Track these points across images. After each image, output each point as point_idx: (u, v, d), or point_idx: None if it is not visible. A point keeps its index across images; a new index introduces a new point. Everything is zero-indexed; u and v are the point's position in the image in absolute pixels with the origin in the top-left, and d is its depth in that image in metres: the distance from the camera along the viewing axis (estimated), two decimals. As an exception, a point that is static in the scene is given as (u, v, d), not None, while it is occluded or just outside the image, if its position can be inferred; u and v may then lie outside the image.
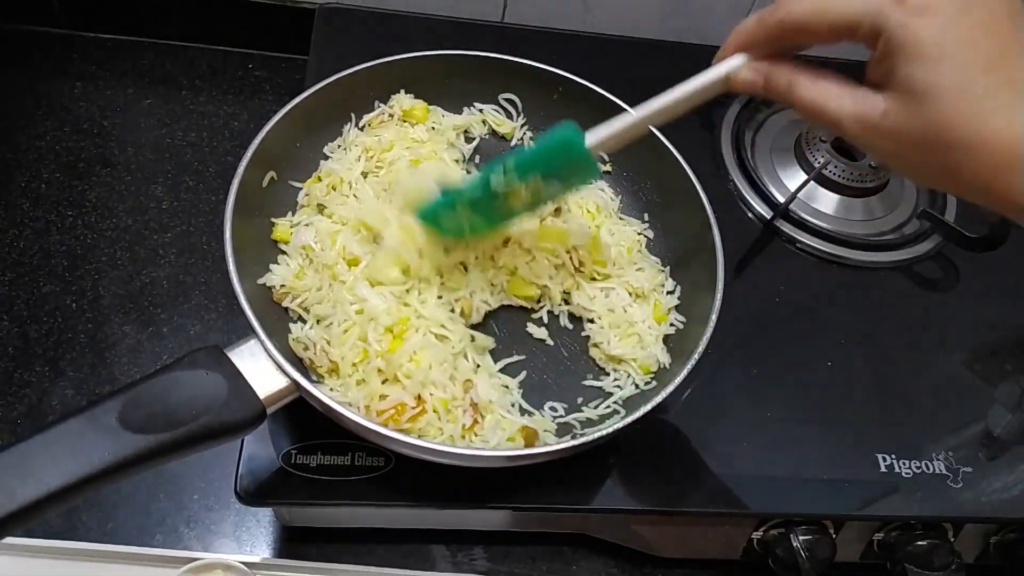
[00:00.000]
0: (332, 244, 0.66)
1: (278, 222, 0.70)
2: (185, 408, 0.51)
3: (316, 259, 0.66)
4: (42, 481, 0.46)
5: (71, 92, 0.98)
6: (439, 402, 0.60)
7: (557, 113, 0.80)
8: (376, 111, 0.77)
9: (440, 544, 0.73)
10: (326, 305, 0.64)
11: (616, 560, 0.75)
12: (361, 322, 0.62)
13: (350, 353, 0.61)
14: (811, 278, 0.84)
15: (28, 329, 0.80)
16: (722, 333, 0.63)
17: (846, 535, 0.71)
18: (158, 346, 0.81)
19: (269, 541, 0.72)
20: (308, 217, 0.70)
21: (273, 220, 0.70)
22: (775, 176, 0.91)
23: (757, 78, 0.50)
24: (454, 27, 0.99)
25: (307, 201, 0.71)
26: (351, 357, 0.61)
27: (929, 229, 0.90)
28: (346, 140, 0.75)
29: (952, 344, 0.81)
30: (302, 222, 0.69)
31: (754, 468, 0.69)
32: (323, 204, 0.70)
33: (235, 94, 1.02)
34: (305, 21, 0.96)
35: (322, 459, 0.64)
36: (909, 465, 0.71)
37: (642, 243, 0.75)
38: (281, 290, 0.66)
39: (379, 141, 0.74)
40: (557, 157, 0.58)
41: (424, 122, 0.77)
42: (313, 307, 0.65)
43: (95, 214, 0.89)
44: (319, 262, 0.66)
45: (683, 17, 1.04)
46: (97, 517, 0.71)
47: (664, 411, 0.59)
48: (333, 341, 0.62)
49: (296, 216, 0.71)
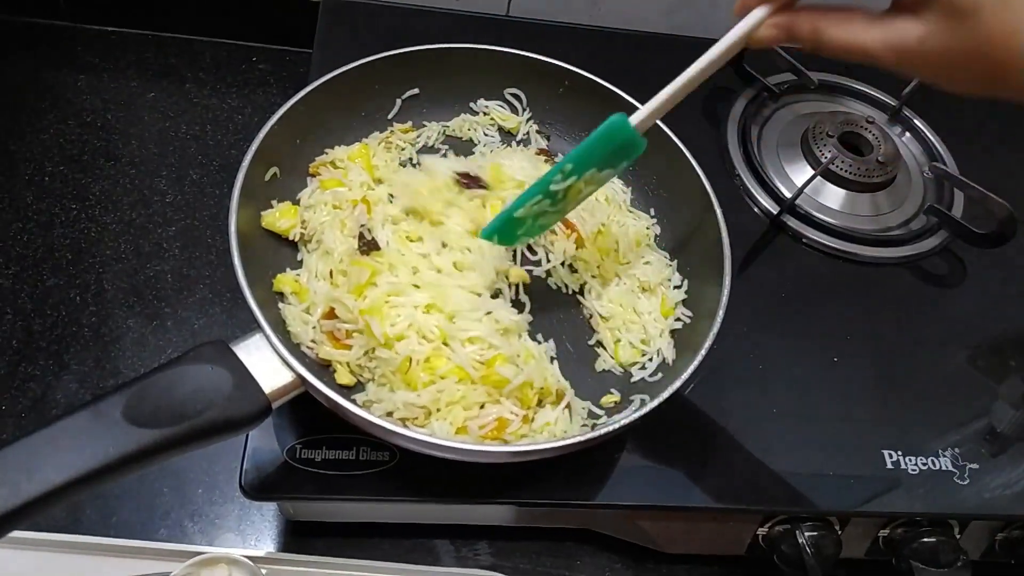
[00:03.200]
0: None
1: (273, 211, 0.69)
2: (190, 403, 0.51)
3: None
4: (47, 476, 0.46)
5: (75, 85, 0.98)
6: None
7: (563, 107, 0.80)
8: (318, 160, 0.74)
9: (444, 539, 0.73)
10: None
11: (620, 556, 0.74)
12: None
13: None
14: (817, 273, 0.84)
15: (32, 323, 0.80)
16: (728, 328, 0.62)
17: (852, 531, 0.71)
18: (162, 340, 0.81)
19: (273, 535, 0.72)
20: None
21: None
22: (782, 171, 0.91)
23: (780, 32, 0.50)
24: (459, 20, 0.99)
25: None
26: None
27: (936, 225, 0.89)
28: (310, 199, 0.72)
29: (959, 340, 0.81)
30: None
31: (759, 464, 0.69)
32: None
33: (239, 87, 1.01)
34: (309, 14, 0.96)
35: (327, 453, 0.64)
36: (915, 461, 0.71)
37: (650, 237, 0.75)
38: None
39: (335, 196, 0.71)
40: (609, 146, 0.60)
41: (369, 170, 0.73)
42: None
43: (99, 207, 0.89)
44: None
45: (690, 11, 1.04)
46: (101, 511, 0.71)
47: (669, 406, 0.58)
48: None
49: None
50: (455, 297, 0.63)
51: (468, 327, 0.62)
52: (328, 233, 0.68)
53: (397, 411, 0.60)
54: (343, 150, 0.74)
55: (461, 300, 0.64)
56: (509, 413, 0.61)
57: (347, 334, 0.62)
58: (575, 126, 0.81)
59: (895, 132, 0.98)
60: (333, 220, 0.68)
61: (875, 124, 0.92)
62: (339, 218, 0.68)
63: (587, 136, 0.60)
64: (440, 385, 0.60)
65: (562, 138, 0.82)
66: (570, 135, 0.81)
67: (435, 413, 0.60)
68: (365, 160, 0.73)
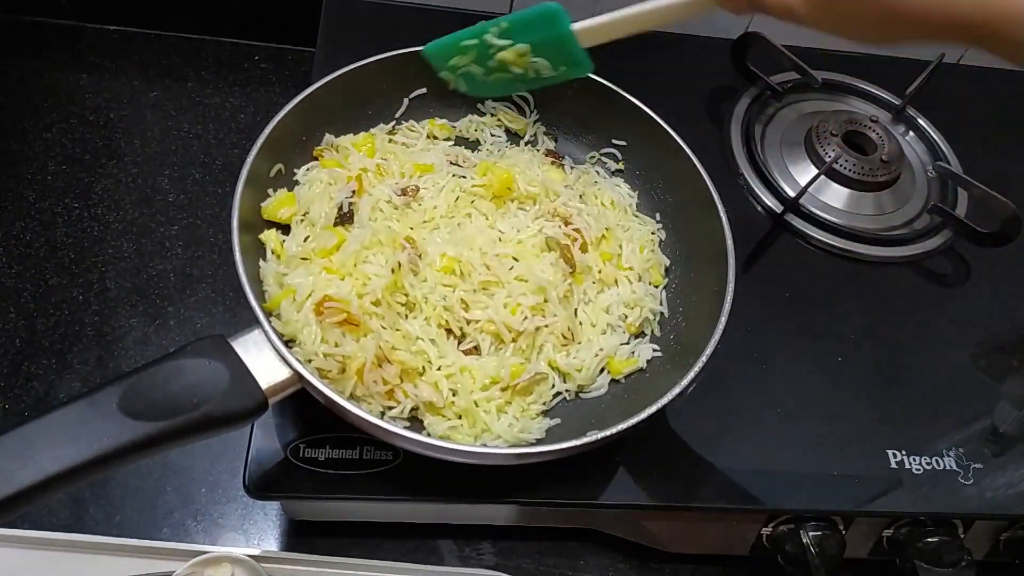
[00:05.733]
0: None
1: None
2: (187, 396, 0.51)
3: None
4: (41, 466, 0.46)
5: (78, 84, 0.98)
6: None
7: (570, 110, 0.80)
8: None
9: (448, 539, 0.73)
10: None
11: (623, 555, 0.74)
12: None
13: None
14: (821, 272, 0.84)
15: (35, 321, 0.80)
16: (731, 328, 0.62)
17: (856, 531, 0.70)
18: (165, 338, 0.80)
19: (276, 535, 0.72)
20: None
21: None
22: (785, 170, 0.91)
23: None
24: (462, 19, 0.98)
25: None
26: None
27: (940, 224, 0.89)
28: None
29: (963, 340, 0.81)
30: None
31: (763, 464, 0.69)
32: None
33: (241, 86, 1.01)
34: (312, 13, 0.96)
35: (330, 453, 0.64)
36: (919, 461, 0.71)
37: (655, 242, 0.74)
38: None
39: (331, 174, 0.72)
40: (543, 28, 0.62)
41: (372, 156, 0.74)
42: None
43: (102, 206, 0.88)
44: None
45: None
46: (104, 510, 0.71)
47: (673, 406, 0.58)
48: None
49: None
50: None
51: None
52: (315, 205, 0.68)
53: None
54: (349, 138, 0.75)
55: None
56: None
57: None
58: (582, 128, 0.81)
59: (899, 131, 0.98)
60: (323, 193, 0.69)
61: (879, 123, 0.92)
62: (329, 193, 0.69)
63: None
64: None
65: (569, 140, 0.81)
66: (577, 137, 0.81)
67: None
68: (370, 148, 0.74)
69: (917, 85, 0.96)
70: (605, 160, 0.80)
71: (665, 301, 0.72)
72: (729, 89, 0.96)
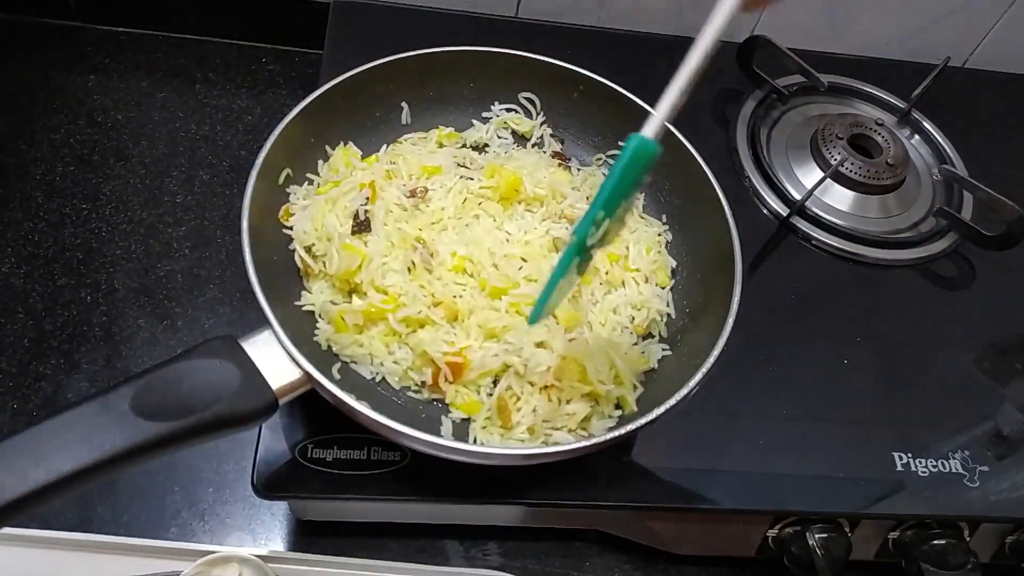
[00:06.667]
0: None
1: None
2: (197, 396, 0.51)
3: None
4: (54, 465, 0.46)
5: (85, 85, 0.98)
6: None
7: (577, 112, 0.80)
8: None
9: (454, 539, 0.73)
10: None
11: (629, 556, 0.75)
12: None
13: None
14: (827, 275, 0.84)
15: (43, 322, 0.80)
16: (737, 330, 0.62)
17: (861, 533, 0.71)
18: (172, 339, 0.81)
19: (283, 535, 0.72)
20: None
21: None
22: (791, 173, 0.91)
23: None
24: (468, 21, 0.99)
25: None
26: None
27: (945, 227, 0.89)
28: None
29: (969, 342, 0.81)
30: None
31: (769, 465, 0.69)
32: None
33: (249, 88, 1.02)
34: (319, 15, 0.96)
35: (338, 453, 0.64)
36: (925, 464, 0.71)
37: (662, 243, 0.75)
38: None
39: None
40: (636, 172, 0.52)
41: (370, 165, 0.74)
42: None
43: (109, 207, 0.89)
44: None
45: (698, 12, 1.01)
46: (112, 510, 0.71)
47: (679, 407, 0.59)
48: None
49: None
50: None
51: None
52: (328, 218, 0.68)
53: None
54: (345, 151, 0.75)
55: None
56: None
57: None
58: (589, 130, 0.81)
59: (904, 134, 0.98)
60: (335, 205, 0.69)
61: (884, 126, 0.92)
62: (343, 202, 0.69)
63: (611, 167, 0.55)
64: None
65: (576, 142, 0.82)
66: (584, 139, 0.81)
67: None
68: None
69: (922, 88, 0.96)
70: (612, 162, 0.80)
71: (672, 302, 0.72)
72: (735, 92, 0.96)
